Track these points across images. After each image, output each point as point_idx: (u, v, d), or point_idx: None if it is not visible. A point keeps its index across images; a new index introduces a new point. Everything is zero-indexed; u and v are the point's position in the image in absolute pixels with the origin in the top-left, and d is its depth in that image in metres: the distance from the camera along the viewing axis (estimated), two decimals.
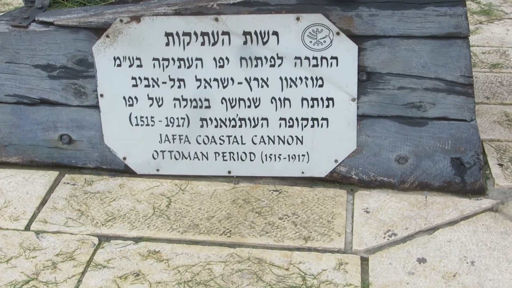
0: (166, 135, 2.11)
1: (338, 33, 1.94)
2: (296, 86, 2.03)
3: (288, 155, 2.12)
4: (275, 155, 2.12)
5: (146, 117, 2.09)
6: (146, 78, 2.04)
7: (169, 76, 2.03)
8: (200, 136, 2.10)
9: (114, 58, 2.01)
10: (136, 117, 2.09)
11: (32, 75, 2.07)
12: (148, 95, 2.06)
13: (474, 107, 2.04)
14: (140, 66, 2.02)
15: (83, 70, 2.05)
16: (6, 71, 2.07)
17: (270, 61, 2.00)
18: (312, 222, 1.98)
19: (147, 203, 2.03)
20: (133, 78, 2.04)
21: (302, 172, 2.14)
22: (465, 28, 1.93)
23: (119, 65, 2.02)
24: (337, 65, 1.99)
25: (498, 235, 1.92)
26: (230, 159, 2.14)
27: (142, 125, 2.10)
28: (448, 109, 2.03)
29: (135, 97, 2.06)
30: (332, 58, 1.98)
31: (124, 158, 2.14)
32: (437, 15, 1.92)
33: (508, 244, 1.89)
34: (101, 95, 2.06)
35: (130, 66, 2.02)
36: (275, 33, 1.96)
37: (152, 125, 2.10)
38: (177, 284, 1.73)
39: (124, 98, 2.07)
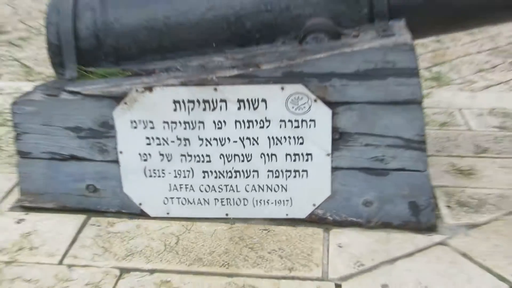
0: (175, 185, 2.15)
1: (315, 100, 2.00)
2: (281, 143, 2.07)
3: (275, 201, 2.15)
4: (264, 201, 2.16)
5: (158, 170, 2.14)
6: (157, 138, 2.09)
7: (176, 136, 2.08)
8: (202, 185, 2.15)
9: (131, 121, 2.07)
10: (149, 170, 2.13)
11: (63, 135, 2.12)
12: (159, 152, 2.11)
13: (427, 160, 2.08)
14: (152, 128, 2.08)
15: (105, 132, 2.10)
16: (41, 132, 2.12)
17: (260, 124, 2.05)
18: (295, 256, 2.00)
19: (159, 241, 2.07)
20: (146, 138, 2.09)
21: (286, 214, 2.17)
22: (419, 95, 1.98)
23: (135, 127, 2.08)
24: (314, 126, 2.03)
25: (447, 264, 1.95)
26: (227, 204, 2.17)
27: (154, 176, 2.15)
28: (406, 162, 2.06)
29: (149, 154, 2.11)
30: (310, 120, 2.03)
31: (140, 204, 2.18)
32: (396, 85, 1.96)
33: (455, 272, 1.90)
34: (121, 152, 2.12)
35: (144, 128, 2.08)
36: (264, 100, 2.01)
37: (163, 177, 2.14)
38: None
39: (139, 154, 2.12)
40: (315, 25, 2.09)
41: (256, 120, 2.04)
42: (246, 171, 2.11)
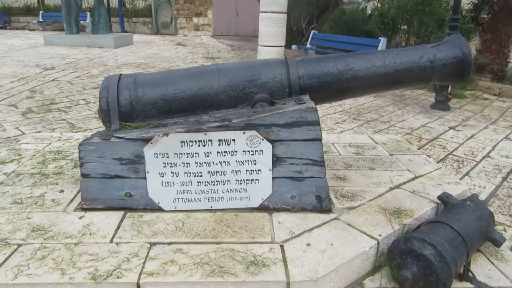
0: (180, 191, 2.18)
1: (263, 139, 2.10)
2: (243, 164, 2.15)
3: (239, 197, 2.21)
4: (233, 198, 2.21)
5: (169, 182, 2.16)
6: (170, 163, 2.12)
7: (182, 161, 2.12)
8: (196, 190, 2.18)
9: (154, 153, 2.10)
10: (165, 182, 2.16)
11: (111, 163, 2.12)
12: (171, 171, 2.14)
13: (325, 171, 2.20)
14: (167, 157, 2.11)
15: (138, 160, 2.12)
16: (97, 162, 2.11)
17: (231, 153, 2.12)
18: (254, 229, 2.05)
19: (172, 225, 2.08)
20: (163, 163, 2.12)
21: (246, 205, 2.23)
22: (320, 136, 2.13)
23: (157, 157, 2.11)
24: (262, 154, 2.12)
25: (340, 231, 2.06)
26: (211, 201, 2.21)
27: (167, 186, 2.16)
28: (314, 173, 2.17)
29: (164, 172, 2.14)
30: (260, 151, 2.12)
31: (158, 203, 2.19)
32: (307, 130, 2.09)
33: (346, 234, 2.03)
34: (147, 172, 2.13)
35: (162, 157, 2.11)
36: (234, 139, 2.10)
37: (172, 186, 2.17)
38: (192, 264, 1.78)
39: (159, 173, 2.14)
40: (260, 98, 2.21)
41: (229, 151, 2.11)
42: (223, 181, 2.17)
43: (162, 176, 2.14)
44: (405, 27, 8.72)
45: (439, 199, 2.35)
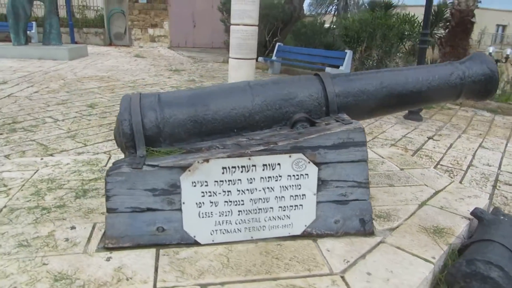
0: (219, 222, 1.97)
1: (309, 162, 1.97)
2: (287, 189, 2.00)
3: (282, 225, 2.05)
4: (275, 226, 2.05)
5: (207, 213, 1.95)
6: (209, 191, 1.92)
7: (222, 189, 1.93)
8: (237, 220, 1.99)
9: (192, 182, 1.89)
10: (202, 213, 1.95)
11: (142, 195, 1.87)
12: (209, 201, 1.94)
13: (369, 193, 2.11)
14: (206, 185, 1.91)
15: (173, 190, 1.89)
16: (127, 194, 1.86)
17: (275, 178, 1.96)
18: (306, 260, 1.89)
19: (216, 261, 1.86)
20: (201, 192, 1.91)
21: (289, 233, 2.07)
22: (366, 157, 2.04)
23: (195, 186, 1.90)
24: (308, 178, 1.99)
25: (393, 255, 1.97)
26: (252, 230, 2.03)
27: (205, 217, 1.95)
28: (358, 195, 2.07)
29: (202, 202, 1.93)
30: (306, 174, 1.98)
31: (194, 236, 1.96)
32: (354, 151, 1.99)
33: (400, 259, 1.93)
34: (183, 203, 1.91)
35: (201, 186, 1.90)
36: (279, 164, 1.94)
37: (210, 217, 1.96)
38: None
39: (196, 203, 1.93)
40: (300, 118, 2.08)
41: (273, 176, 1.96)
42: (265, 208, 2.00)
43: (200, 207, 1.93)
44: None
45: (473, 215, 2.34)
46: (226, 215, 1.97)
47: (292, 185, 2.00)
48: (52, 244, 1.95)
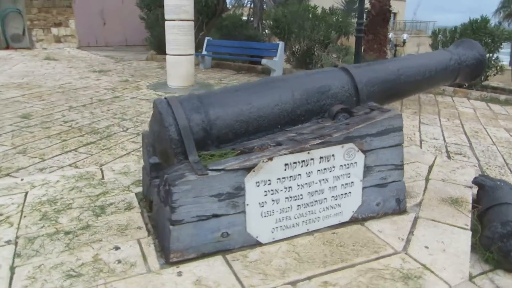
0: (279, 218, 1.97)
1: (357, 151, 2.05)
2: (339, 179, 2.06)
3: (334, 214, 2.12)
4: (329, 215, 2.11)
5: (269, 211, 1.93)
6: (271, 190, 1.91)
7: (284, 186, 1.93)
8: (295, 215, 2.01)
9: (256, 182, 1.86)
10: (264, 212, 1.93)
11: (208, 201, 1.78)
12: (271, 199, 1.92)
13: (403, 173, 2.27)
14: (269, 184, 1.89)
15: (237, 193, 1.84)
16: (193, 203, 1.75)
17: (330, 169, 2.02)
18: (368, 244, 1.99)
19: (288, 258, 1.86)
20: (264, 191, 1.89)
21: (339, 221, 2.14)
22: (402, 141, 2.19)
23: (258, 185, 1.87)
24: (356, 165, 2.08)
25: (433, 227, 2.16)
26: (309, 223, 2.06)
27: (267, 216, 1.94)
28: (395, 177, 2.22)
29: (265, 201, 1.91)
30: (354, 163, 2.07)
31: (257, 237, 1.93)
32: (393, 137, 2.13)
33: (441, 231, 2.14)
34: (247, 204, 1.87)
35: (264, 185, 1.88)
36: (333, 155, 2.00)
37: (272, 215, 1.94)
38: None
39: (258, 203, 1.90)
40: (341, 109, 2.16)
41: (328, 167, 2.01)
42: (320, 200, 2.05)
43: (262, 206, 1.90)
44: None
45: (475, 183, 2.65)
46: (286, 211, 1.98)
47: (343, 174, 2.07)
48: (106, 268, 1.76)
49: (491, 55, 7.59)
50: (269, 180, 1.88)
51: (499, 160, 4.38)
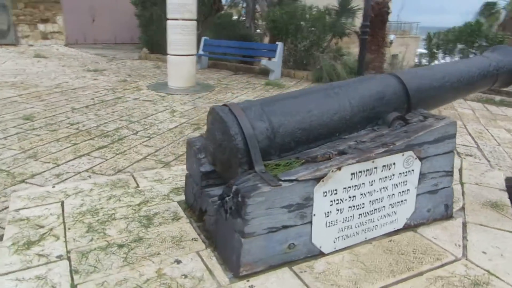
0: (341, 228, 1.94)
1: (415, 158, 2.04)
2: (397, 186, 2.05)
3: (390, 221, 2.11)
4: (385, 223, 2.10)
5: (333, 221, 1.90)
6: (337, 199, 1.88)
7: (348, 195, 1.90)
8: (356, 223, 1.99)
9: (323, 192, 1.82)
10: (329, 222, 1.89)
11: (279, 213, 1.73)
12: (336, 208, 1.89)
13: (453, 180, 2.28)
14: (336, 193, 1.86)
15: (306, 203, 1.79)
16: (265, 214, 1.70)
17: (390, 177, 2.00)
18: (425, 250, 1.98)
19: (355, 268, 1.84)
20: (330, 201, 1.86)
21: (394, 228, 2.14)
22: (455, 147, 2.19)
23: (325, 195, 1.83)
24: (413, 173, 2.07)
25: (482, 232, 2.18)
26: (367, 231, 2.05)
27: (330, 226, 1.91)
28: (446, 183, 2.23)
29: (330, 211, 1.88)
30: (412, 170, 2.06)
31: (320, 247, 1.90)
32: (447, 143, 2.13)
33: (492, 236, 2.16)
34: (314, 215, 1.83)
35: (331, 195, 1.85)
36: (394, 163, 1.99)
37: (335, 225, 1.92)
38: None
39: (324, 213, 1.86)
40: (397, 116, 2.15)
41: (388, 176, 1.99)
42: (379, 208, 2.03)
43: (327, 216, 1.87)
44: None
45: (509, 187, 2.69)
46: (348, 221, 1.95)
47: (401, 182, 2.05)
48: (175, 284, 1.69)
49: None
50: (336, 190, 1.85)
51: (508, 161, 4.48)
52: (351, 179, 1.88)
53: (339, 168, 1.82)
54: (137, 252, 1.92)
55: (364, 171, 1.90)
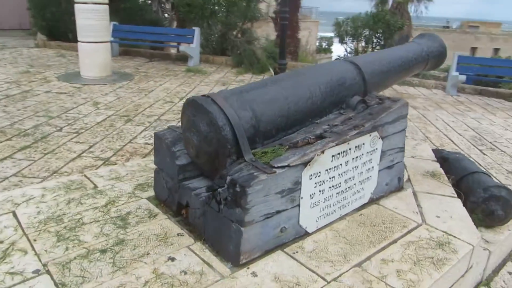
0: (322, 207, 2.07)
1: (379, 138, 2.25)
2: (365, 165, 2.24)
3: (359, 197, 2.29)
4: (355, 199, 2.27)
5: (316, 202, 2.02)
6: (320, 181, 1.99)
7: (329, 176, 2.03)
8: (334, 202, 2.13)
9: (309, 175, 1.92)
10: (313, 203, 2.00)
11: (273, 199, 1.79)
12: (319, 190, 2.01)
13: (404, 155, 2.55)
14: (319, 175, 1.97)
15: (296, 187, 1.87)
16: (263, 202, 1.74)
17: (360, 157, 2.18)
18: (393, 221, 2.21)
19: (341, 243, 1.98)
20: (314, 183, 1.96)
21: (362, 203, 2.33)
22: (407, 125, 2.44)
23: (311, 178, 1.93)
24: (376, 151, 2.28)
25: (430, 199, 2.50)
26: (342, 208, 2.20)
27: (314, 207, 2.02)
28: (399, 158, 2.48)
29: (314, 193, 1.99)
30: (376, 149, 2.27)
31: (306, 227, 2.01)
32: (401, 122, 2.38)
33: (438, 201, 2.48)
34: (301, 197, 1.92)
35: (315, 177, 1.95)
36: (363, 143, 2.17)
37: (318, 205, 2.04)
38: (412, 262, 1.85)
39: (309, 195, 1.97)
40: (360, 100, 2.31)
41: (359, 155, 2.16)
42: (351, 186, 2.20)
43: (312, 198, 1.98)
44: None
45: (439, 157, 3.10)
46: (328, 200, 2.09)
47: (368, 160, 2.25)
48: (177, 282, 1.66)
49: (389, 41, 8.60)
50: (319, 172, 1.96)
51: (420, 134, 5.11)
52: (332, 161, 2.01)
53: (323, 152, 1.93)
54: (124, 255, 1.82)
55: (341, 152, 2.04)
